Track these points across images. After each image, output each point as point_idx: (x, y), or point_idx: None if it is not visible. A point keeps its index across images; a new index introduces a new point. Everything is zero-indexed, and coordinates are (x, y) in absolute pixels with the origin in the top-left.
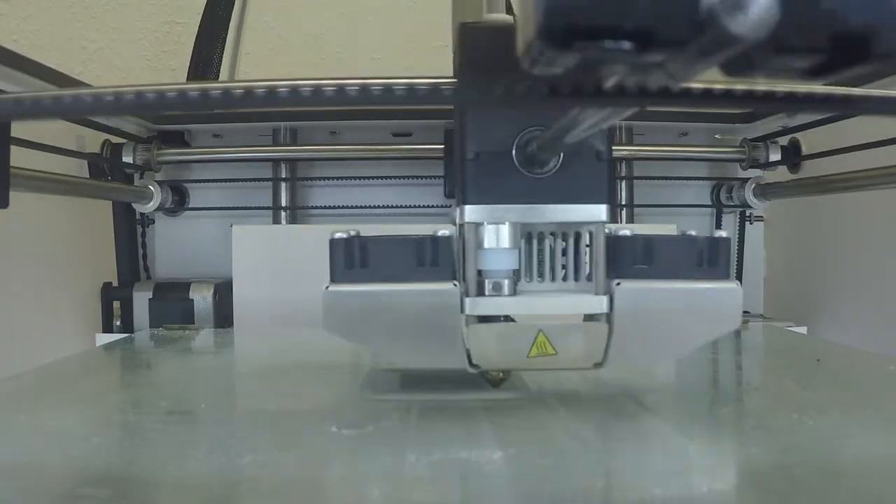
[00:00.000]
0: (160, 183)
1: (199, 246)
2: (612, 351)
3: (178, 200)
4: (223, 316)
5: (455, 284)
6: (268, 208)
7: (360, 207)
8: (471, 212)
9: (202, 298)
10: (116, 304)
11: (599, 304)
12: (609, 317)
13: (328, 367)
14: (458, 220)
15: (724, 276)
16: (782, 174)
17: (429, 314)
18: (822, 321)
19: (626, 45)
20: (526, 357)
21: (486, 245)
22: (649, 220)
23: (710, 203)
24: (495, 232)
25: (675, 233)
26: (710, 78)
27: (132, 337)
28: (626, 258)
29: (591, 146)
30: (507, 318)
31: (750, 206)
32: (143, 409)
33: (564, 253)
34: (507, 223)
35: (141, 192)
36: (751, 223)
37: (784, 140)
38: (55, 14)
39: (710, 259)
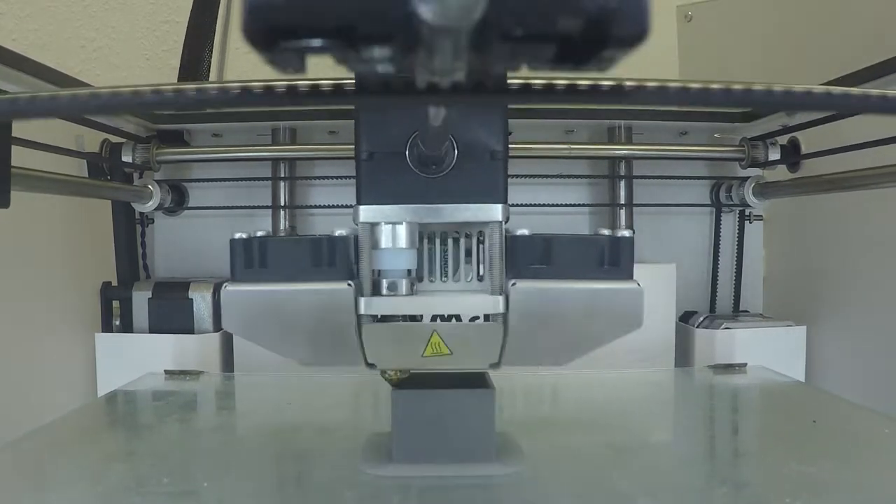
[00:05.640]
0: (159, 182)
1: (198, 245)
2: (508, 352)
3: (178, 200)
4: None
5: (350, 284)
6: (267, 207)
7: None
8: (366, 212)
9: (201, 298)
10: (116, 304)
11: (495, 304)
12: (505, 317)
13: (327, 429)
14: (354, 221)
15: (627, 277)
16: (782, 173)
17: (323, 313)
18: (821, 320)
19: (328, 42)
20: (420, 356)
21: (382, 245)
22: (648, 219)
23: (709, 202)
24: (391, 232)
25: (674, 273)
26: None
27: (133, 384)
28: (524, 258)
29: (486, 146)
30: (413, 318)
31: (749, 206)
32: (146, 488)
33: (468, 253)
34: (403, 223)
35: (140, 192)
36: (750, 222)
37: (783, 139)
38: (54, 13)
39: (612, 259)
